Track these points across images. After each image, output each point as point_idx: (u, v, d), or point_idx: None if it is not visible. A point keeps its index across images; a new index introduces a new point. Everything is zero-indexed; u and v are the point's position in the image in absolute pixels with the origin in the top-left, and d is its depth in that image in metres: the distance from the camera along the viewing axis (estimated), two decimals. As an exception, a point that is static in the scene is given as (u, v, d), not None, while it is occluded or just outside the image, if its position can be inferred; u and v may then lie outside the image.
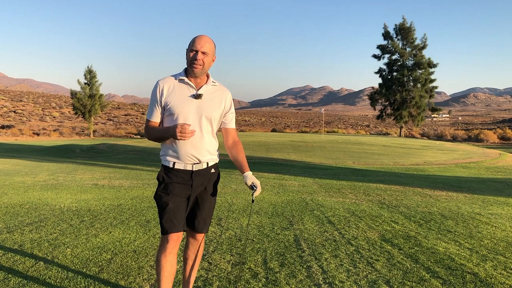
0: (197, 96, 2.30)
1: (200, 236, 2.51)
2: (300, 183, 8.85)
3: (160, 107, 2.34)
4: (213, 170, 2.45)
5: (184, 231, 2.36)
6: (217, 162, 2.50)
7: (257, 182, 2.35)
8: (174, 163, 2.34)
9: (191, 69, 2.29)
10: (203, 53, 2.26)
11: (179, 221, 2.30)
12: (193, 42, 2.28)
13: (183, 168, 2.34)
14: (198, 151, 2.33)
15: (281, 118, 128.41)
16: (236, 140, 2.51)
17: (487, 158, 16.91)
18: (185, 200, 2.36)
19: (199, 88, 2.34)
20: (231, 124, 2.50)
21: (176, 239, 2.30)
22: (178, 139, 2.22)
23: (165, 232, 2.28)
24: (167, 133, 2.25)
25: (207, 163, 2.39)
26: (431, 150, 20.66)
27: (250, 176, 2.38)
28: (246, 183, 2.36)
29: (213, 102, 2.36)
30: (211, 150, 2.39)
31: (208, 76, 2.39)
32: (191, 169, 2.34)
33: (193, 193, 2.38)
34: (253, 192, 2.34)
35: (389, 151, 19.90)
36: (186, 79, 2.32)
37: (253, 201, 2.50)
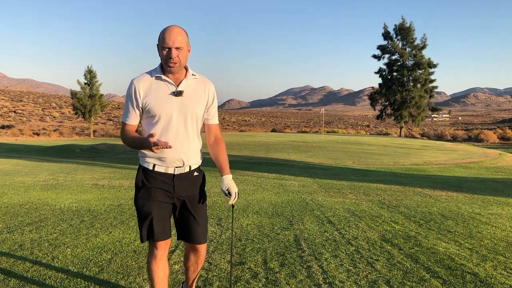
0: (178, 94, 2.11)
1: (202, 247, 2.34)
2: (300, 183, 8.84)
3: (137, 110, 2.15)
4: (196, 173, 2.27)
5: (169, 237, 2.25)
6: (200, 163, 2.32)
7: (233, 189, 2.18)
8: (154, 165, 2.18)
9: (168, 68, 2.08)
10: (177, 48, 2.03)
11: (166, 227, 2.21)
12: (163, 38, 2.04)
13: (163, 171, 2.17)
14: (184, 154, 2.17)
15: (281, 118, 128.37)
16: (219, 137, 2.35)
17: (487, 158, 16.91)
18: (169, 205, 2.23)
19: (179, 84, 2.14)
20: (214, 119, 2.32)
21: (165, 245, 2.22)
22: (155, 152, 2.01)
23: (155, 239, 2.18)
24: (143, 146, 2.07)
25: (190, 167, 2.23)
26: (431, 150, 20.65)
27: (226, 181, 2.21)
28: (221, 188, 2.20)
29: (195, 97, 2.18)
30: (195, 152, 2.24)
31: (186, 69, 2.17)
32: (172, 172, 2.18)
33: (176, 198, 2.23)
34: (229, 200, 2.17)
35: (389, 151, 19.89)
36: (163, 76, 2.12)
37: (233, 206, 2.31)
